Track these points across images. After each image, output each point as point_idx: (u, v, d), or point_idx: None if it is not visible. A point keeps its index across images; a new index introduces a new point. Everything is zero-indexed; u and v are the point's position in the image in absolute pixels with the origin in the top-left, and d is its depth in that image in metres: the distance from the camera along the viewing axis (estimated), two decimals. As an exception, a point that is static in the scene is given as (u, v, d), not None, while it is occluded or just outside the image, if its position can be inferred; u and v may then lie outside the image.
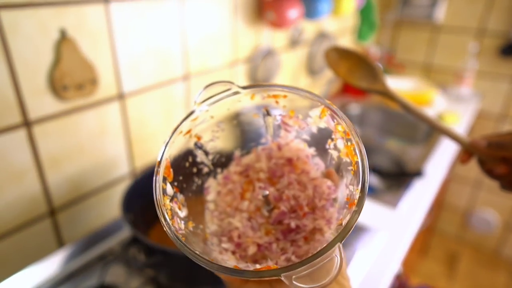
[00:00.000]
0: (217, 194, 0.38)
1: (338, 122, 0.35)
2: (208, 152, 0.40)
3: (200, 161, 0.40)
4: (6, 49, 0.61)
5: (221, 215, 0.37)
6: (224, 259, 0.34)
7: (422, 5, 1.82)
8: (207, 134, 0.39)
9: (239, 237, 0.35)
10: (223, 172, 0.40)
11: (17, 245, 0.73)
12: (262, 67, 1.26)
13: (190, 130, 0.37)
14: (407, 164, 1.30)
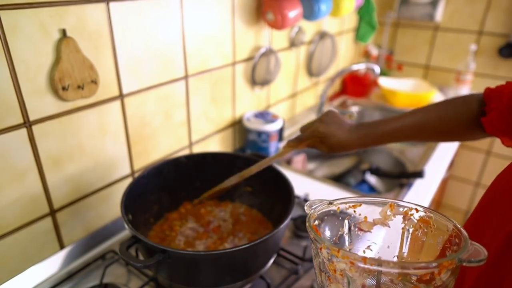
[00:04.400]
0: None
1: (404, 209, 0.45)
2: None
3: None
4: (6, 49, 0.61)
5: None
6: None
7: (421, 5, 1.82)
8: None
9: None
10: None
11: (17, 245, 0.73)
12: (262, 67, 1.26)
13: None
14: (407, 164, 1.30)
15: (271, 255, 0.72)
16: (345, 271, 0.37)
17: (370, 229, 0.47)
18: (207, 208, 0.89)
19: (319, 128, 0.73)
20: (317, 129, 0.73)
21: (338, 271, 0.38)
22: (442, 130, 0.68)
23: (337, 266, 0.38)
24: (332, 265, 0.39)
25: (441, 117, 0.67)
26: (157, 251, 0.59)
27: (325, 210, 0.46)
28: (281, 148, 0.77)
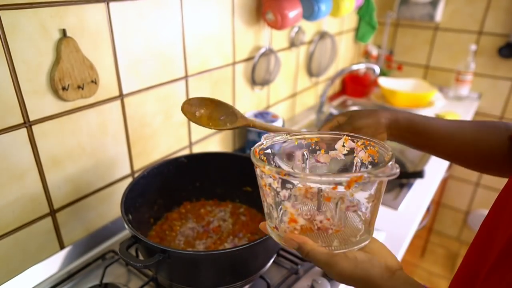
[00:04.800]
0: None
1: (357, 141, 0.49)
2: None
3: None
4: (6, 49, 0.61)
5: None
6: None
7: (421, 5, 1.82)
8: None
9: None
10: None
11: (17, 245, 0.73)
12: (262, 67, 1.26)
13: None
14: (407, 164, 1.30)
15: (271, 255, 0.72)
16: (271, 185, 0.43)
17: (327, 161, 0.51)
18: (207, 208, 0.89)
19: (348, 110, 0.67)
20: (346, 111, 0.69)
21: (267, 186, 0.44)
22: (475, 144, 0.63)
23: (266, 181, 0.43)
24: (263, 181, 0.44)
25: (476, 128, 0.63)
26: (157, 251, 0.59)
27: (282, 141, 0.50)
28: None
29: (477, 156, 0.64)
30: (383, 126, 0.66)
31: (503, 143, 0.61)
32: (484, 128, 0.64)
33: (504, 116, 1.84)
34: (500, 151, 0.61)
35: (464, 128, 0.64)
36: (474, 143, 0.63)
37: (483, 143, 0.63)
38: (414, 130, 0.65)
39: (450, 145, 0.65)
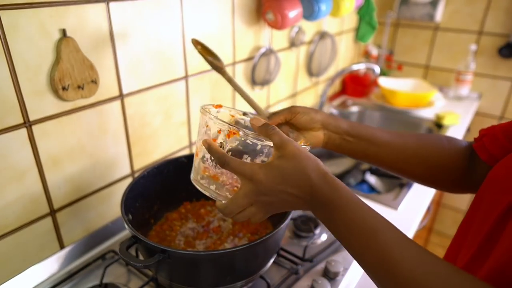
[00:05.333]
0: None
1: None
2: None
3: None
4: (6, 49, 0.61)
5: None
6: None
7: (421, 5, 1.82)
8: None
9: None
10: None
11: (17, 245, 0.73)
12: (262, 67, 1.26)
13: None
14: (406, 164, 1.30)
15: (271, 255, 0.72)
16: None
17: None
18: (207, 208, 0.89)
19: (295, 106, 0.65)
20: (293, 106, 0.66)
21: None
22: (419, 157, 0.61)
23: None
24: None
25: (421, 143, 0.61)
26: (157, 251, 0.59)
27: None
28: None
29: (420, 167, 0.62)
30: (319, 123, 0.63)
31: (446, 156, 0.60)
32: (425, 139, 0.62)
33: (504, 116, 1.84)
34: (443, 164, 0.60)
35: (406, 138, 0.63)
36: (416, 153, 0.61)
37: (425, 153, 0.61)
38: (356, 134, 0.63)
39: (392, 154, 0.62)
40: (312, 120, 0.63)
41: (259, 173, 0.45)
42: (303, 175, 0.44)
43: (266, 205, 0.46)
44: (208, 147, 0.49)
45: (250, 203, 0.47)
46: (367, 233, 0.41)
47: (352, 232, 0.42)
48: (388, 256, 0.39)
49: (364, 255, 0.41)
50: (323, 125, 0.64)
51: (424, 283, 0.36)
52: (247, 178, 0.45)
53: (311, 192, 0.44)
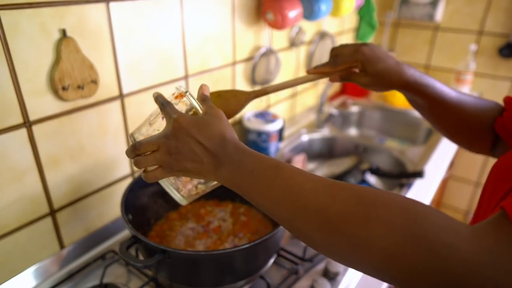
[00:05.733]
0: None
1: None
2: None
3: None
4: (6, 49, 0.61)
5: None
6: None
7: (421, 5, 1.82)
8: None
9: None
10: None
11: (17, 245, 0.73)
12: (262, 67, 1.26)
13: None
14: (407, 164, 1.30)
15: (271, 255, 0.72)
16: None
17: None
18: (207, 208, 0.89)
19: (363, 50, 0.60)
20: (360, 50, 0.60)
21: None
22: (472, 117, 0.62)
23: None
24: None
25: (477, 104, 0.62)
26: (157, 251, 0.59)
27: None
28: (308, 72, 0.65)
29: (468, 129, 0.63)
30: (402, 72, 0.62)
31: (491, 122, 0.61)
32: (481, 105, 0.63)
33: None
34: (486, 129, 0.62)
35: (467, 100, 0.62)
36: (470, 118, 0.62)
37: (477, 120, 0.62)
38: (430, 91, 0.61)
39: (452, 113, 0.63)
40: (390, 80, 0.62)
41: (181, 117, 0.47)
42: (217, 131, 0.46)
43: (170, 153, 0.46)
44: (156, 96, 0.51)
45: (158, 145, 0.46)
46: (272, 168, 0.42)
47: (258, 175, 0.43)
48: (292, 185, 0.40)
49: (270, 191, 0.42)
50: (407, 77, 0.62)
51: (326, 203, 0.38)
52: (171, 119, 0.47)
53: (221, 143, 0.45)
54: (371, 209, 0.36)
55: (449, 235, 0.32)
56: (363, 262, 0.36)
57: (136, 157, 0.49)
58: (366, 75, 0.62)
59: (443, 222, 0.34)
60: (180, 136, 0.45)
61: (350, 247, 0.36)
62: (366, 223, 0.35)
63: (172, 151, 0.46)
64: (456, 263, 0.31)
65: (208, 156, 0.45)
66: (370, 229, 0.35)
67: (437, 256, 0.32)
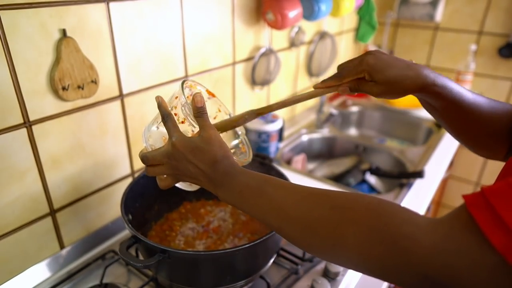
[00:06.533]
0: None
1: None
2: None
3: None
4: (6, 49, 0.61)
5: None
6: None
7: (421, 5, 1.82)
8: None
9: None
10: None
11: (17, 245, 0.73)
12: (262, 67, 1.26)
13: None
14: (407, 164, 1.30)
15: (271, 255, 0.72)
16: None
17: None
18: (207, 208, 0.89)
19: (367, 59, 0.57)
20: (364, 60, 0.58)
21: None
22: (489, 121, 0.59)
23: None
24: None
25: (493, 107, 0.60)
26: (157, 251, 0.59)
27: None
28: (315, 87, 0.62)
29: (484, 134, 0.61)
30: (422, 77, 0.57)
31: (508, 126, 0.59)
32: (498, 109, 0.60)
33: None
34: (501, 133, 0.60)
35: (483, 103, 0.60)
36: (487, 122, 0.59)
37: (493, 124, 0.59)
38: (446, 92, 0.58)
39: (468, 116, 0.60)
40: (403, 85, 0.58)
41: (179, 141, 0.51)
42: (209, 156, 0.50)
43: (173, 169, 0.52)
44: (159, 102, 0.55)
45: (162, 162, 0.53)
46: (257, 189, 0.48)
47: (246, 195, 0.48)
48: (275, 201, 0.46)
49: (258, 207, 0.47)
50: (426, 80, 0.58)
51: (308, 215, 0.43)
52: (170, 140, 0.52)
53: (212, 167, 0.50)
54: (341, 212, 0.41)
55: (409, 227, 0.36)
56: (344, 259, 0.41)
57: (148, 167, 0.55)
58: (377, 84, 0.58)
59: (404, 216, 0.37)
60: (178, 158, 0.51)
61: (330, 246, 0.41)
62: (338, 225, 0.40)
63: (174, 168, 0.52)
64: (416, 251, 0.34)
65: (203, 177, 0.51)
66: (343, 230, 0.40)
67: (400, 247, 0.35)
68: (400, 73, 0.57)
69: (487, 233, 0.31)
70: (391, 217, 0.38)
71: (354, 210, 0.40)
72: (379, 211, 0.39)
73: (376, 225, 0.38)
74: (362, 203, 0.41)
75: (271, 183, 0.48)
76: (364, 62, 0.58)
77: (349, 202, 0.42)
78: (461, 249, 0.32)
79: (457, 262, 0.32)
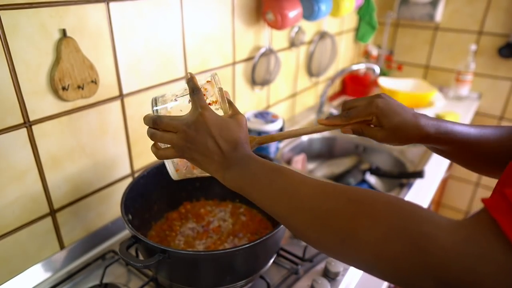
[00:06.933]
0: None
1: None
2: None
3: None
4: (6, 49, 0.61)
5: None
6: None
7: (421, 5, 1.82)
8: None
9: None
10: None
11: (17, 245, 0.73)
12: (262, 67, 1.26)
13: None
14: (407, 164, 1.30)
15: (271, 255, 0.72)
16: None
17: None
18: (207, 208, 0.89)
19: (377, 103, 0.57)
20: (374, 103, 0.57)
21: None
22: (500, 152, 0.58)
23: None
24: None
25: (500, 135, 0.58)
26: (157, 251, 0.59)
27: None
28: (320, 122, 0.62)
29: (497, 162, 0.59)
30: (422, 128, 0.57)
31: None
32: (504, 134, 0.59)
33: (504, 116, 1.84)
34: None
35: (488, 135, 0.59)
36: (497, 154, 0.58)
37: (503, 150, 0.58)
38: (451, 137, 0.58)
39: (477, 153, 0.60)
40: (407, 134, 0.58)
41: (207, 112, 0.49)
42: (235, 136, 0.49)
43: (187, 141, 0.49)
44: (188, 78, 0.53)
45: (178, 129, 0.49)
46: (273, 172, 0.47)
47: (260, 177, 0.47)
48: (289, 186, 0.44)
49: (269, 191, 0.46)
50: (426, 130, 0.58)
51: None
52: (197, 110, 0.49)
53: (234, 148, 0.49)
54: (358, 205, 0.39)
55: (430, 226, 0.34)
56: (352, 255, 0.39)
57: (154, 130, 0.51)
58: (382, 130, 0.58)
59: (424, 215, 0.36)
60: (200, 129, 0.48)
61: (340, 240, 0.39)
62: (353, 218, 0.38)
63: (188, 139, 0.49)
64: (435, 252, 0.33)
65: (219, 156, 0.48)
66: (357, 223, 0.38)
67: (418, 246, 0.33)
68: (406, 121, 0.57)
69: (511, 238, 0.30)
70: (411, 215, 0.36)
71: (372, 205, 0.38)
72: (398, 208, 0.37)
73: (395, 222, 0.36)
74: (381, 199, 0.39)
75: (288, 171, 0.47)
76: (374, 105, 0.57)
77: (367, 197, 0.40)
78: (484, 253, 0.31)
79: (480, 267, 0.31)
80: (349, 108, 0.61)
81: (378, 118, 0.58)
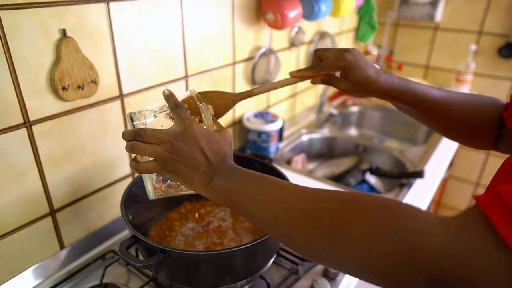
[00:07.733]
0: None
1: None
2: None
3: None
4: (6, 49, 0.61)
5: None
6: None
7: (421, 5, 1.82)
8: None
9: None
10: None
11: (17, 245, 0.73)
12: (262, 67, 1.26)
13: None
14: (407, 164, 1.30)
15: (271, 255, 0.72)
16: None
17: None
18: (207, 208, 0.89)
19: (346, 56, 0.63)
20: (343, 56, 0.63)
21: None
22: (464, 115, 0.63)
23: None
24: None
25: (466, 101, 0.64)
26: (157, 251, 0.59)
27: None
28: (291, 75, 0.66)
29: (463, 127, 0.65)
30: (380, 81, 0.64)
31: (489, 118, 0.62)
32: (473, 102, 0.64)
33: None
34: (484, 125, 0.63)
35: (454, 99, 0.65)
36: (462, 116, 0.64)
37: (470, 117, 0.63)
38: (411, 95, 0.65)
39: (440, 114, 0.65)
40: (368, 89, 0.65)
41: (195, 124, 0.49)
42: (223, 149, 0.51)
43: (172, 152, 0.48)
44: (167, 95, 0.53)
45: (163, 141, 0.48)
46: (261, 178, 0.47)
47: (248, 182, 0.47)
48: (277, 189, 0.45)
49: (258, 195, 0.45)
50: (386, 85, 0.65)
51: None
52: (184, 122, 0.49)
53: (222, 159, 0.49)
54: (346, 204, 0.40)
55: (419, 222, 0.35)
56: (342, 255, 0.38)
57: (135, 142, 0.50)
58: (347, 81, 0.65)
59: (413, 212, 0.36)
60: (188, 141, 0.48)
61: (330, 239, 0.38)
62: (342, 215, 0.39)
63: (174, 151, 0.48)
64: (424, 247, 0.33)
65: (206, 167, 0.48)
66: (346, 220, 0.38)
67: (408, 241, 0.34)
68: (368, 76, 0.63)
69: (503, 234, 0.30)
70: (399, 212, 0.36)
71: (360, 203, 0.39)
72: (387, 205, 0.38)
73: (383, 218, 0.36)
74: (369, 197, 0.40)
75: (275, 178, 0.47)
76: (343, 58, 0.63)
77: (354, 197, 0.41)
78: (475, 249, 0.31)
79: (470, 262, 0.31)
80: (319, 57, 0.67)
81: (344, 71, 0.64)
